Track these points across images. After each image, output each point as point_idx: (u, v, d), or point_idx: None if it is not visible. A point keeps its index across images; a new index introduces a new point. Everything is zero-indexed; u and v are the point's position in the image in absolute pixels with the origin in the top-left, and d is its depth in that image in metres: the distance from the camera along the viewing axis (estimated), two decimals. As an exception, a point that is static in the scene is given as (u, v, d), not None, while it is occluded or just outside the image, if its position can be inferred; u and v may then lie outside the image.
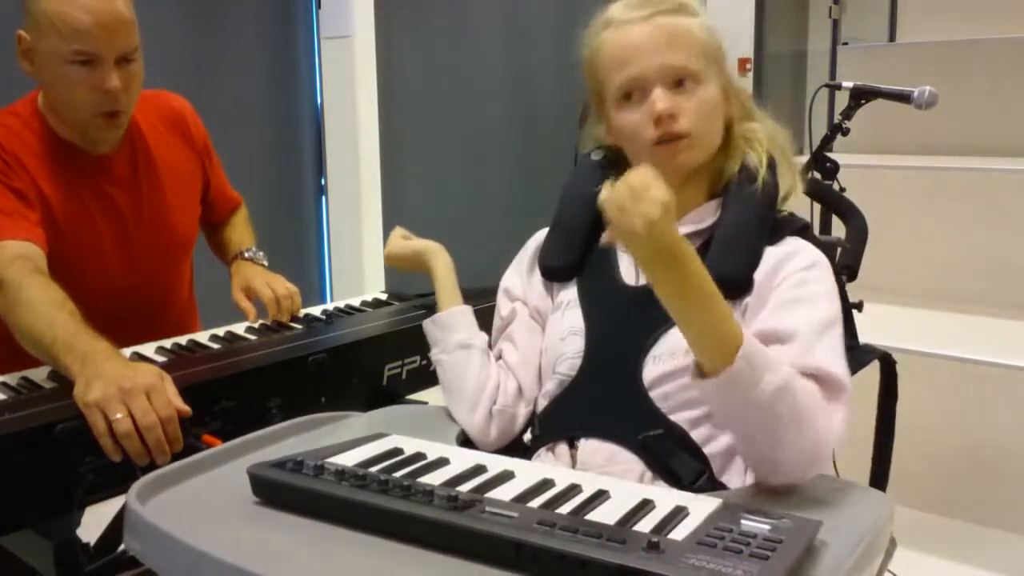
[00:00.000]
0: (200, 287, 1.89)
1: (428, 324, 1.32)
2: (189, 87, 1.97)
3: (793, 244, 1.14)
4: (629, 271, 1.20)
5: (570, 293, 1.24)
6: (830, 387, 1.00)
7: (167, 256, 1.72)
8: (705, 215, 1.18)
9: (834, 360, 1.03)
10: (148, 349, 1.49)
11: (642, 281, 1.18)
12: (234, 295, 1.69)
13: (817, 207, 1.93)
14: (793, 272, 1.10)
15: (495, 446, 1.24)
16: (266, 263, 1.79)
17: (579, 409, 1.17)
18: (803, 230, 1.17)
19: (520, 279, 1.32)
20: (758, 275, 1.11)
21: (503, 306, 1.33)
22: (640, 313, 1.15)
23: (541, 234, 1.32)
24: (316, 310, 1.72)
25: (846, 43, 3.68)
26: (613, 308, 1.19)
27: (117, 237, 1.62)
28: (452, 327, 1.30)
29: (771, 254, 1.12)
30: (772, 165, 1.18)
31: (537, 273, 1.30)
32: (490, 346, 1.32)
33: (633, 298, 1.18)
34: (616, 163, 1.29)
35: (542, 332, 1.28)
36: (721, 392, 0.96)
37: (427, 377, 1.63)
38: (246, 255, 1.78)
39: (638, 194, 0.90)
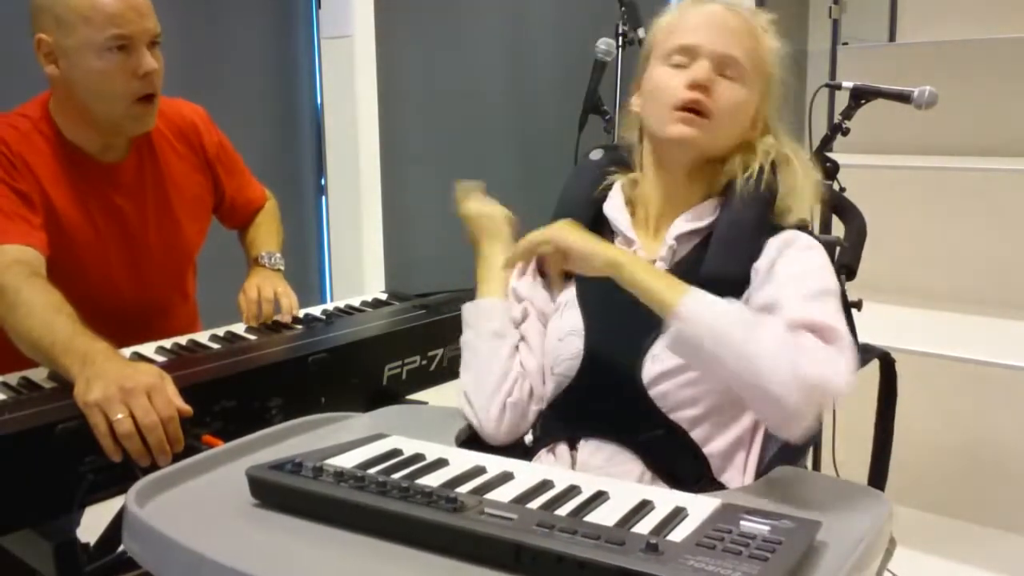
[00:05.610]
0: (202, 294, 1.89)
1: (469, 306, 1.31)
2: (189, 87, 1.97)
3: (792, 232, 1.15)
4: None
5: (569, 293, 1.24)
6: (825, 334, 0.99)
7: (171, 266, 1.72)
8: (703, 213, 1.18)
9: (829, 315, 1.02)
10: (148, 349, 1.49)
11: None
12: (238, 299, 1.69)
13: (817, 207, 1.93)
14: (792, 253, 1.11)
15: (502, 441, 1.23)
16: (281, 267, 1.77)
17: (579, 410, 1.17)
18: (802, 228, 1.18)
19: (526, 280, 1.32)
20: (760, 263, 1.11)
21: (512, 307, 1.32)
22: (639, 313, 1.14)
23: None
24: (316, 310, 1.72)
25: (846, 43, 3.67)
26: (612, 308, 1.18)
27: (121, 245, 1.61)
28: (490, 315, 1.29)
29: (771, 244, 1.13)
30: (774, 168, 1.19)
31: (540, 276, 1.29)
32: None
33: (632, 298, 1.18)
34: (618, 162, 1.29)
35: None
36: (683, 336, 1.01)
37: (427, 377, 1.63)
38: (259, 260, 1.77)
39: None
